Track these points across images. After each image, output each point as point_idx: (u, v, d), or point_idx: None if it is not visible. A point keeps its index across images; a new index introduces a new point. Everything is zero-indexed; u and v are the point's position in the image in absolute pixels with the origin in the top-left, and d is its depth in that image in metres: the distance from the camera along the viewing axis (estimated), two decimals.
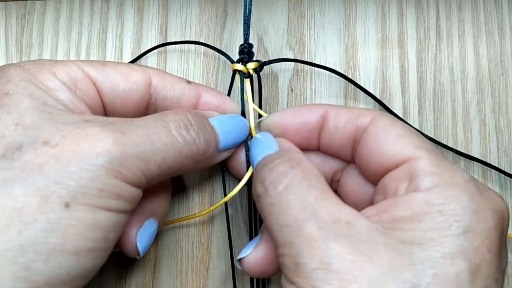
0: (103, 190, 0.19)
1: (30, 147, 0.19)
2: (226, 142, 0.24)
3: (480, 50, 0.30)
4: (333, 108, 0.24)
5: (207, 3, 0.31)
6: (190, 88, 0.25)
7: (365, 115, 0.23)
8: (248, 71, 0.27)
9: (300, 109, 0.25)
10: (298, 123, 0.24)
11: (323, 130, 0.24)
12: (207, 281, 0.29)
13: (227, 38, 0.31)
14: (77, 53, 0.31)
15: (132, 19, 0.31)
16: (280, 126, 0.25)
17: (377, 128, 0.22)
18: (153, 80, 0.25)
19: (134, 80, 0.24)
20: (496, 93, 0.29)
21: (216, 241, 0.29)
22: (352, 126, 0.23)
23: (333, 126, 0.24)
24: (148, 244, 0.24)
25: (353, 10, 0.31)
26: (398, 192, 0.21)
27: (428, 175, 0.20)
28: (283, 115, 0.25)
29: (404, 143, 0.21)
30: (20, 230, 0.17)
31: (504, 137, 0.29)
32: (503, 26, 0.30)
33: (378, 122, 0.22)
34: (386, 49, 0.30)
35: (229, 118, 0.25)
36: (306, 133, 0.24)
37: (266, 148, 0.23)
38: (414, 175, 0.20)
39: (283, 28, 0.31)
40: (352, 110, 0.24)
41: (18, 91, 0.20)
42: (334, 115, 0.24)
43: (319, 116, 0.24)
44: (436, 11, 0.30)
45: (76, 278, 0.19)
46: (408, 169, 0.21)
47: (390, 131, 0.22)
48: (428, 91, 0.30)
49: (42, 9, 0.32)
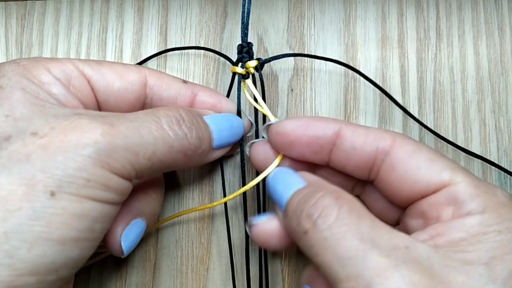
0: (89, 180, 0.19)
1: (19, 138, 0.19)
2: (220, 141, 0.24)
3: (480, 50, 0.30)
4: (348, 126, 0.23)
5: (207, 3, 0.31)
6: (186, 87, 0.25)
7: (385, 138, 0.23)
8: (247, 72, 0.27)
9: (313, 121, 0.24)
10: (310, 136, 0.23)
11: (338, 148, 0.23)
12: (207, 281, 0.29)
13: (227, 38, 0.31)
14: (77, 53, 0.31)
15: (132, 19, 0.31)
16: (290, 135, 0.24)
17: (404, 154, 0.22)
18: (148, 80, 0.25)
19: (129, 79, 0.24)
20: (496, 93, 0.29)
21: (216, 241, 0.29)
22: (371, 149, 0.23)
23: (350, 146, 0.23)
24: (133, 244, 0.24)
25: (353, 10, 0.31)
26: (442, 217, 0.21)
27: (474, 198, 0.20)
28: (294, 124, 0.24)
29: (437, 167, 0.21)
30: (4, 217, 0.17)
31: (504, 137, 0.29)
32: (503, 26, 0.30)
33: (403, 147, 0.22)
34: (386, 49, 0.30)
35: (224, 117, 0.25)
36: (317, 147, 0.24)
37: (291, 184, 0.23)
38: (459, 199, 0.20)
39: (283, 28, 0.31)
40: (369, 130, 0.23)
41: (11, 84, 0.21)
42: (351, 134, 0.23)
43: (333, 133, 0.23)
44: (436, 11, 0.30)
45: (61, 267, 0.19)
46: (450, 194, 0.21)
47: (419, 156, 0.22)
48: (428, 91, 0.30)
49: (42, 9, 0.32)
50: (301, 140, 0.24)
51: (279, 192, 0.23)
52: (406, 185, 0.22)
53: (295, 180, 0.23)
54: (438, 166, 0.21)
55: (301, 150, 0.24)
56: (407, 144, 0.22)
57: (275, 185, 0.23)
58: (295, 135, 0.24)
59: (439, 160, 0.22)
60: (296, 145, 0.24)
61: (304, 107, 0.30)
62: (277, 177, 0.24)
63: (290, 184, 0.23)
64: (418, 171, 0.22)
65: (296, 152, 0.24)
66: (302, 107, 0.30)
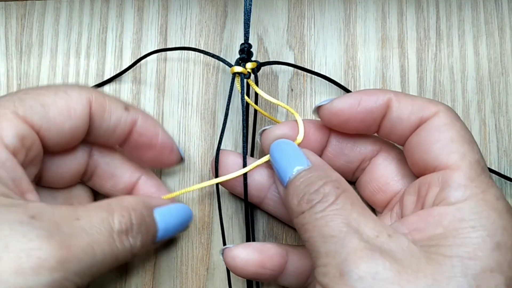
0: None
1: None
2: (163, 236, 0.25)
3: (480, 50, 0.30)
4: (396, 96, 0.23)
5: (207, 3, 0.31)
6: (127, 115, 0.24)
7: (429, 108, 0.23)
8: (248, 72, 0.26)
9: (363, 96, 0.24)
10: (364, 111, 0.24)
11: (385, 118, 0.24)
12: (207, 281, 0.29)
13: (227, 38, 0.31)
14: (77, 53, 0.31)
15: (132, 19, 0.31)
16: (344, 113, 0.24)
17: (435, 124, 0.22)
18: (92, 108, 0.23)
19: (77, 115, 0.23)
20: (496, 93, 0.29)
21: (216, 241, 0.29)
22: (415, 118, 0.23)
23: (396, 117, 0.23)
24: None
25: (353, 10, 0.31)
26: (427, 199, 0.21)
27: (459, 188, 0.20)
28: (346, 102, 0.24)
29: (451, 148, 0.21)
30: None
31: (504, 137, 0.29)
32: (503, 26, 0.30)
33: (439, 118, 0.22)
34: (386, 49, 0.30)
35: (174, 211, 0.25)
36: (370, 121, 0.24)
37: (296, 161, 0.23)
38: (446, 184, 0.21)
39: (283, 28, 0.31)
40: (415, 100, 0.23)
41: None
42: (398, 105, 0.23)
43: (384, 104, 0.23)
44: (436, 11, 0.30)
45: None
46: (443, 177, 0.21)
47: (446, 131, 0.22)
48: (428, 91, 0.30)
49: (42, 9, 0.32)
50: (356, 117, 0.24)
51: (283, 166, 0.23)
52: (419, 155, 0.22)
53: (299, 157, 0.23)
54: (453, 147, 0.21)
55: (356, 126, 0.24)
56: (445, 116, 0.22)
57: (279, 158, 0.24)
58: (349, 113, 0.24)
59: (459, 142, 0.22)
60: (352, 122, 0.24)
61: (304, 107, 0.30)
62: (282, 150, 0.24)
63: (294, 161, 0.23)
64: (434, 145, 0.22)
65: (351, 127, 0.25)
66: (302, 107, 0.30)
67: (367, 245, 0.19)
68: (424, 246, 0.20)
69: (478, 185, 0.21)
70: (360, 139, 0.26)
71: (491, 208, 0.20)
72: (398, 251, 0.19)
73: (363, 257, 0.19)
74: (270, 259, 0.25)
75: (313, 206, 0.21)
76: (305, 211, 0.21)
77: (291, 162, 0.23)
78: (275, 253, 0.25)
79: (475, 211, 0.20)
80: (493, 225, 0.19)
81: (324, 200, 0.21)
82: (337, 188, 0.21)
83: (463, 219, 0.20)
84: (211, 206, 0.29)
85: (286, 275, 0.25)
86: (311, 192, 0.21)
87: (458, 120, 0.23)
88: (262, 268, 0.24)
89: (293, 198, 0.22)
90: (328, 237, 0.20)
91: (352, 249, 0.19)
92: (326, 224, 0.20)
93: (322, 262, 0.20)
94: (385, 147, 0.26)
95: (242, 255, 0.24)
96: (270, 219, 0.29)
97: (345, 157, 0.26)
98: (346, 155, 0.26)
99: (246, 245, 0.25)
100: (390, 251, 0.19)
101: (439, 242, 0.20)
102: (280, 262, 0.25)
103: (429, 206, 0.21)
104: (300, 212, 0.21)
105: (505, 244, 0.19)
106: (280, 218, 0.28)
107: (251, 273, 0.24)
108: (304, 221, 0.21)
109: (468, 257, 0.19)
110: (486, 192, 0.20)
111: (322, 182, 0.21)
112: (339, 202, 0.21)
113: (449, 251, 0.19)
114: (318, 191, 0.21)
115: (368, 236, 0.20)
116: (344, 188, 0.22)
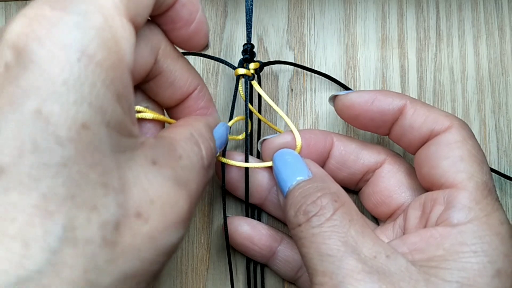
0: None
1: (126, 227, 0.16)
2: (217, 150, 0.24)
3: (480, 50, 0.30)
4: (412, 103, 0.23)
5: (207, 3, 0.31)
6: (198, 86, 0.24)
7: (442, 121, 0.22)
8: (253, 73, 0.26)
9: (379, 96, 0.24)
10: (375, 111, 0.24)
11: (397, 124, 0.24)
12: (207, 281, 0.29)
13: (227, 38, 0.31)
14: None
15: None
16: (356, 108, 0.24)
17: (446, 140, 0.22)
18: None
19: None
20: (496, 93, 0.29)
21: (216, 241, 0.29)
22: (427, 130, 0.23)
23: (407, 124, 0.23)
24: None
25: (353, 10, 0.31)
26: (431, 217, 0.21)
27: (463, 209, 0.20)
28: (361, 97, 0.24)
29: (459, 167, 0.21)
30: None
31: (504, 137, 0.29)
32: (503, 26, 0.30)
33: (451, 134, 0.22)
34: (386, 49, 0.30)
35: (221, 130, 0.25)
36: (380, 122, 0.24)
37: (297, 171, 0.23)
38: (451, 204, 0.21)
39: (283, 28, 0.31)
40: (431, 111, 0.23)
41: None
42: (412, 113, 0.23)
43: (398, 109, 0.23)
44: (436, 11, 0.30)
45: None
46: (448, 196, 0.21)
47: (456, 149, 0.22)
48: (428, 91, 0.30)
49: None
50: (366, 114, 0.24)
51: (284, 176, 0.23)
52: (427, 169, 0.22)
53: (301, 168, 0.23)
54: (461, 166, 0.21)
55: (365, 123, 0.24)
56: (457, 132, 0.22)
57: (281, 167, 0.24)
58: (361, 109, 0.24)
59: (468, 162, 0.21)
60: (361, 118, 0.24)
61: (304, 107, 0.30)
62: (284, 160, 0.24)
63: (295, 171, 0.23)
64: (443, 162, 0.22)
65: (360, 124, 0.25)
66: (302, 107, 0.30)
67: (364, 267, 0.19)
68: (423, 266, 0.19)
69: (482, 208, 0.20)
70: (363, 151, 0.26)
71: (494, 233, 0.20)
72: (396, 273, 0.19)
73: (360, 280, 0.19)
74: (259, 236, 0.26)
75: (310, 219, 0.21)
76: (302, 223, 0.21)
77: (292, 172, 0.23)
78: (267, 234, 0.26)
79: (477, 235, 0.20)
80: (495, 251, 0.19)
81: (321, 214, 0.21)
82: (335, 201, 0.21)
83: (464, 243, 0.19)
84: (211, 206, 0.29)
85: (276, 260, 0.27)
86: (308, 203, 0.21)
87: (471, 138, 0.22)
88: (250, 242, 0.26)
89: (290, 209, 0.22)
90: (325, 256, 0.20)
91: (349, 271, 0.19)
92: (323, 241, 0.20)
93: (319, 281, 0.20)
94: (389, 158, 0.26)
95: (234, 224, 0.26)
96: (270, 219, 0.29)
97: (348, 169, 0.26)
98: (349, 167, 0.26)
99: (242, 217, 0.27)
100: (388, 272, 0.19)
101: (439, 264, 0.19)
102: (270, 244, 0.26)
103: (432, 224, 0.21)
104: (297, 224, 0.21)
105: (506, 271, 0.19)
106: (281, 220, 0.28)
107: (239, 243, 0.26)
108: (302, 235, 0.21)
109: (467, 284, 0.19)
110: (490, 216, 0.20)
111: (320, 193, 0.21)
112: (336, 217, 0.20)
113: (448, 276, 0.19)
114: (315, 202, 0.21)
115: (366, 257, 0.19)
116: (343, 201, 0.21)
